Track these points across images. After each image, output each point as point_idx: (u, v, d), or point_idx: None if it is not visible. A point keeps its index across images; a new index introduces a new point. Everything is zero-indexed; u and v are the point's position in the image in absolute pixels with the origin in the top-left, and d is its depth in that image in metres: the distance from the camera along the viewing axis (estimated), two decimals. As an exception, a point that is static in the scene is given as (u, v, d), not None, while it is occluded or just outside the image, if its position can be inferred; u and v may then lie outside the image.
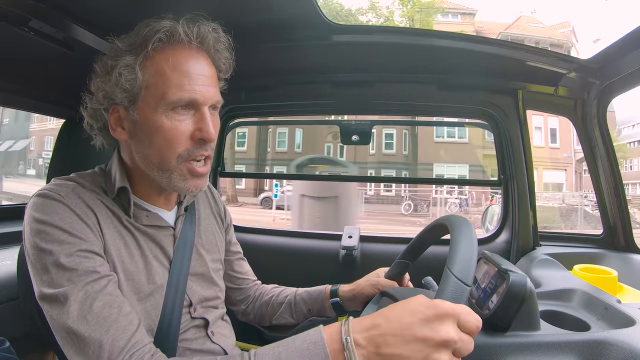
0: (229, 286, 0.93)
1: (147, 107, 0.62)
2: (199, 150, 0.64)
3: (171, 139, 0.62)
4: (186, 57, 0.63)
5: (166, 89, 0.61)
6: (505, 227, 1.37)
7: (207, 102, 0.64)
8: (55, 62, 0.99)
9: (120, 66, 0.62)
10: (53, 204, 0.59)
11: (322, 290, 0.91)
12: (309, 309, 0.91)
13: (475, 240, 0.53)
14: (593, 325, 0.67)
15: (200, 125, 0.63)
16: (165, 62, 0.62)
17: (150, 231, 0.70)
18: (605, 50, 1.05)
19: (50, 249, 0.56)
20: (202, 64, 0.65)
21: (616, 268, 1.01)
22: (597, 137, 1.23)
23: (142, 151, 0.65)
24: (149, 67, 0.62)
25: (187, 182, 0.66)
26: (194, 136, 0.64)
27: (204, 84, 0.64)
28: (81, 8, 0.84)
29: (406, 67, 1.25)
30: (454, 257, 0.50)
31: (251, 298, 0.96)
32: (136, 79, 0.62)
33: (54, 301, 0.55)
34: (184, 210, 0.77)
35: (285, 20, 0.95)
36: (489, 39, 1.15)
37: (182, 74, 0.62)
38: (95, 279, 0.56)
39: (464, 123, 2.02)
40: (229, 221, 0.94)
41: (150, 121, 0.62)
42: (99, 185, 0.67)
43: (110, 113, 0.66)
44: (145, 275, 0.67)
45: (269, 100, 1.45)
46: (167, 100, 0.61)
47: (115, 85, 0.63)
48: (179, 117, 0.62)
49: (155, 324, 0.66)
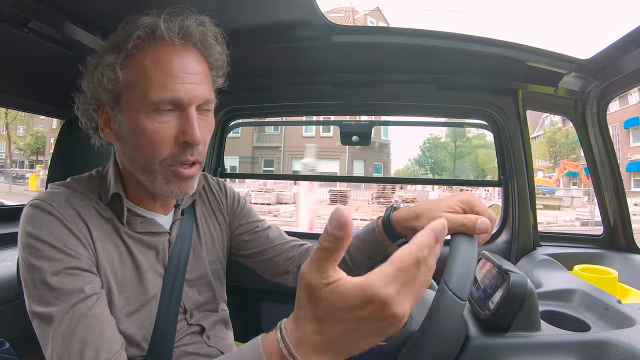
0: (265, 263, 0.85)
1: (130, 108, 0.59)
2: (184, 155, 0.60)
3: (154, 142, 0.59)
4: (169, 54, 0.59)
5: (148, 88, 0.57)
6: (506, 228, 1.37)
7: (193, 101, 0.60)
8: (54, 63, 0.99)
9: (102, 66, 0.60)
10: (44, 217, 0.58)
11: (373, 229, 0.73)
12: (369, 256, 0.75)
13: (476, 250, 0.52)
14: (593, 326, 0.67)
15: (184, 127, 0.59)
16: (146, 60, 0.58)
17: (145, 238, 0.68)
18: (605, 50, 1.05)
19: (39, 265, 0.55)
20: (187, 61, 0.60)
21: (616, 268, 1.01)
22: (597, 137, 1.23)
23: (128, 153, 0.63)
24: (131, 66, 0.59)
25: (171, 185, 0.62)
26: (177, 139, 0.60)
27: (190, 82, 0.59)
28: (81, 9, 0.84)
29: (406, 68, 1.25)
30: (451, 269, 0.49)
31: (296, 266, 0.83)
32: (117, 79, 0.59)
33: (41, 320, 0.54)
34: (180, 214, 0.75)
35: (285, 20, 0.95)
36: (489, 39, 1.15)
37: (164, 73, 0.58)
38: (82, 299, 0.55)
39: (464, 123, 2.02)
40: (236, 205, 0.87)
41: (133, 123, 0.59)
42: (94, 190, 0.66)
43: (99, 114, 0.64)
44: (138, 286, 0.65)
45: (269, 100, 1.45)
46: (149, 100, 0.58)
47: (98, 86, 0.61)
48: (162, 119, 0.59)
49: (149, 333, 0.65)
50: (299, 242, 0.87)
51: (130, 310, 0.63)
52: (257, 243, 0.86)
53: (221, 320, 0.81)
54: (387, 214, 0.71)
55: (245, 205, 0.90)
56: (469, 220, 0.57)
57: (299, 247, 0.86)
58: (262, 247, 0.85)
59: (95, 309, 0.56)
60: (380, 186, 15.95)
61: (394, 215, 0.70)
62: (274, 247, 0.85)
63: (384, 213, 0.73)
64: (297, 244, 0.86)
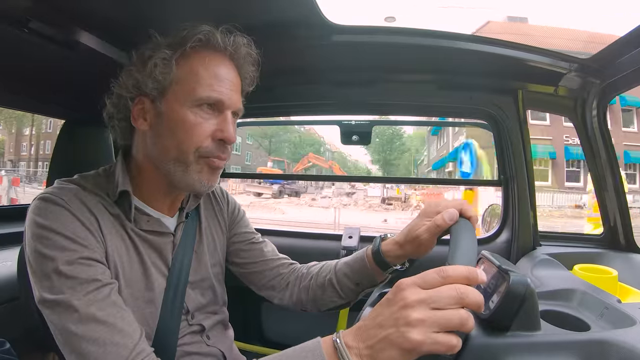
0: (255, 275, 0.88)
1: (175, 100, 0.65)
2: (218, 151, 0.66)
3: (193, 132, 0.64)
4: (219, 62, 0.67)
5: (197, 85, 0.64)
6: (506, 227, 1.37)
7: (231, 106, 0.67)
8: (55, 63, 0.99)
9: (156, 58, 0.65)
10: (55, 209, 0.59)
11: (362, 258, 0.79)
12: (356, 283, 0.80)
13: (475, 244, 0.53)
14: (593, 325, 0.67)
15: (222, 126, 0.66)
16: (200, 62, 0.65)
17: (150, 237, 0.69)
18: (605, 49, 1.05)
19: (52, 255, 0.56)
20: (231, 71, 0.68)
21: (617, 268, 1.01)
22: (597, 136, 1.23)
23: (161, 143, 0.66)
24: (184, 64, 0.65)
25: (202, 175, 0.66)
26: (214, 136, 0.65)
27: (230, 89, 0.67)
28: (81, 9, 0.84)
29: (406, 67, 1.25)
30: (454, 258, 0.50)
31: (284, 284, 0.87)
32: (170, 72, 0.64)
33: (55, 307, 0.55)
34: (185, 217, 0.76)
35: (285, 20, 0.95)
36: (489, 39, 1.15)
37: (213, 76, 0.65)
38: (98, 287, 0.56)
39: (464, 123, 2.02)
40: (236, 213, 0.91)
41: (175, 113, 0.64)
42: (101, 187, 0.67)
43: (135, 103, 0.67)
44: (143, 282, 0.67)
45: (269, 100, 1.44)
46: (196, 96, 0.64)
47: (148, 75, 0.65)
48: (204, 115, 0.65)
49: (152, 330, 0.66)
50: (289, 261, 0.92)
51: (135, 305, 0.64)
52: (251, 254, 0.89)
53: (221, 321, 0.83)
54: (377, 246, 0.77)
55: (244, 214, 0.93)
56: (437, 219, 0.67)
57: (288, 265, 0.90)
58: (255, 259, 0.88)
59: (112, 296, 0.57)
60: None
61: (382, 246, 0.76)
62: (266, 261, 0.89)
63: (373, 244, 0.78)
64: (287, 263, 0.90)
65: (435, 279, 0.45)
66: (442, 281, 0.45)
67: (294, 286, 0.86)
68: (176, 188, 0.70)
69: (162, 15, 0.85)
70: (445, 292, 0.44)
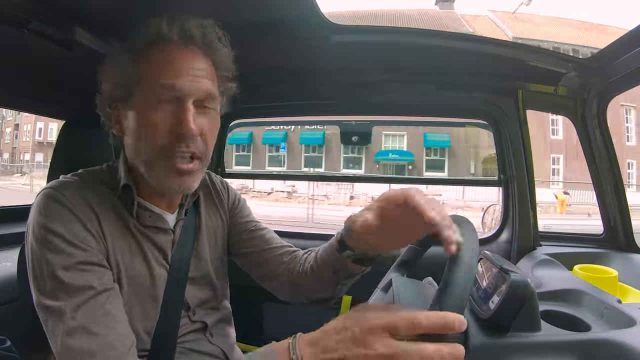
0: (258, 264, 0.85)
1: (137, 102, 0.64)
2: (178, 145, 0.62)
3: (152, 131, 0.62)
4: (172, 52, 0.64)
5: (152, 83, 0.62)
6: (506, 227, 1.37)
7: (191, 93, 0.63)
8: (55, 63, 0.99)
9: (116, 65, 0.66)
10: (56, 208, 0.59)
11: (333, 244, 0.70)
12: (334, 271, 0.72)
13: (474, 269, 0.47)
14: (593, 326, 0.67)
15: (179, 118, 0.62)
16: (153, 58, 0.64)
17: (151, 234, 0.70)
18: (605, 49, 1.05)
19: (49, 258, 0.56)
20: (188, 58, 0.65)
21: (617, 268, 1.01)
22: (597, 136, 1.23)
23: (132, 146, 0.66)
24: (140, 64, 0.64)
25: (170, 179, 0.64)
26: (173, 130, 0.62)
27: (190, 75, 0.63)
28: (81, 9, 0.84)
29: (406, 67, 1.25)
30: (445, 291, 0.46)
31: (285, 273, 0.82)
32: (129, 75, 0.64)
33: (50, 312, 0.55)
34: (184, 214, 0.76)
35: (285, 20, 0.95)
36: (489, 39, 1.15)
37: (166, 67, 0.63)
38: (93, 296, 0.56)
39: (464, 123, 2.02)
40: (236, 203, 0.88)
41: (138, 116, 0.64)
42: (105, 182, 0.67)
43: (112, 110, 0.68)
44: (146, 279, 0.67)
45: (269, 100, 1.44)
46: (152, 93, 0.62)
47: (113, 82, 0.66)
48: (161, 110, 0.62)
49: (153, 327, 0.66)
50: (292, 247, 0.87)
51: (137, 302, 0.65)
52: (253, 242, 0.86)
53: (224, 318, 0.82)
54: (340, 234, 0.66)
55: (244, 204, 0.91)
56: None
57: (290, 252, 0.86)
58: (258, 248, 0.85)
59: (107, 305, 0.57)
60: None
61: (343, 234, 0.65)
62: (268, 249, 0.85)
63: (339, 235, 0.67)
64: (289, 250, 0.86)
65: (407, 328, 0.42)
66: (413, 331, 0.42)
67: (292, 272, 0.81)
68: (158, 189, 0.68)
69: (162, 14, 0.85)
70: (408, 354, 0.42)
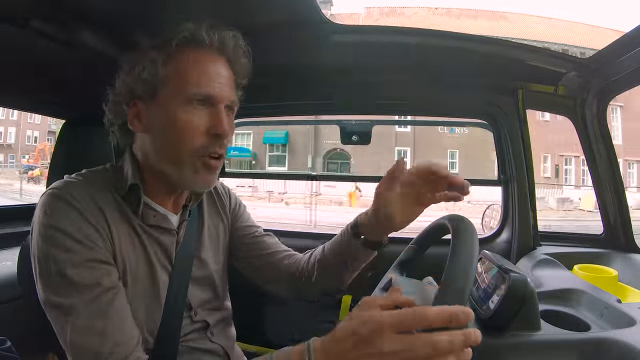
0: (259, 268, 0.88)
1: (166, 100, 0.65)
2: (213, 146, 0.66)
3: (186, 132, 0.64)
4: (206, 58, 0.67)
5: (185, 83, 0.64)
6: (506, 227, 1.37)
7: (223, 100, 0.66)
8: (55, 63, 0.99)
9: (143, 60, 0.66)
10: (63, 207, 0.59)
11: (346, 233, 0.76)
12: (344, 259, 0.77)
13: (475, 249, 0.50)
14: (593, 325, 0.67)
15: (215, 121, 0.65)
16: (186, 60, 0.65)
17: (155, 234, 0.70)
18: (605, 49, 1.05)
19: (57, 256, 0.57)
20: (220, 66, 0.68)
21: (616, 268, 1.01)
22: (597, 136, 1.23)
23: (157, 144, 0.67)
24: (171, 63, 0.65)
25: (198, 176, 0.66)
26: (209, 131, 0.65)
27: (220, 82, 0.67)
28: (82, 8, 0.84)
29: (406, 67, 1.25)
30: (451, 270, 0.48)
31: (287, 275, 0.86)
32: (157, 73, 0.65)
33: (58, 309, 0.56)
34: (188, 215, 0.77)
35: (285, 19, 0.95)
36: (489, 39, 1.15)
37: (201, 72, 0.65)
38: (101, 293, 0.57)
39: (464, 123, 2.02)
40: (237, 208, 0.91)
41: (167, 114, 0.64)
42: (109, 182, 0.68)
43: (130, 107, 0.68)
44: (149, 278, 0.68)
45: (269, 100, 1.44)
46: (185, 94, 0.64)
47: (137, 79, 0.66)
48: (196, 112, 0.65)
49: (156, 326, 0.67)
50: (291, 252, 0.90)
51: (140, 301, 0.65)
52: (254, 247, 0.88)
53: (224, 318, 0.83)
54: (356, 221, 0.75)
55: (245, 209, 0.93)
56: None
57: (290, 256, 0.89)
58: (259, 252, 0.88)
59: (115, 302, 0.58)
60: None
61: (359, 219, 0.74)
62: (269, 254, 0.88)
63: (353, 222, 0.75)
64: (289, 254, 0.90)
65: (413, 323, 0.42)
66: (420, 325, 0.42)
67: (293, 275, 0.85)
68: (176, 187, 0.71)
69: (162, 15, 0.85)
70: (419, 348, 0.41)
